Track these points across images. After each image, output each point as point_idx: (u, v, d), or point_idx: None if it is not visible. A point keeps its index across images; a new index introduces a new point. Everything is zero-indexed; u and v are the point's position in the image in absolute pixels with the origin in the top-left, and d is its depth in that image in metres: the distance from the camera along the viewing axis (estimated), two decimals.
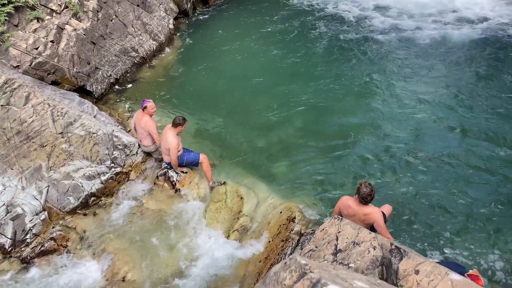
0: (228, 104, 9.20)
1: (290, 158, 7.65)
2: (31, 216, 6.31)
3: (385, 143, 7.81)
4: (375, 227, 5.07)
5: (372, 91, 9.36)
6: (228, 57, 10.98)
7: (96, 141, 7.18)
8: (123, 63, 10.10)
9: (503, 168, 7.14)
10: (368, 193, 4.98)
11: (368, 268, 3.94)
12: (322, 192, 6.93)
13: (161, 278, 5.87)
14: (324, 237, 4.42)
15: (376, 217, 5.04)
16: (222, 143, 8.12)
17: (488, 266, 5.64)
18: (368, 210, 5.08)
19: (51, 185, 6.69)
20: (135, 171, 7.36)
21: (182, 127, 6.82)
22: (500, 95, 8.96)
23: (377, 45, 11.19)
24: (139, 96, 9.31)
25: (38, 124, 7.20)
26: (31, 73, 8.07)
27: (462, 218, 6.30)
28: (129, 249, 6.21)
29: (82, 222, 6.58)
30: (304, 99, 9.16)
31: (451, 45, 11.08)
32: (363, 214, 5.08)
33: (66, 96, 8.05)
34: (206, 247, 6.24)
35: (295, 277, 2.26)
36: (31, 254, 6.10)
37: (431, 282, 3.73)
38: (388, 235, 4.99)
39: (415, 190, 6.80)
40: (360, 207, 5.11)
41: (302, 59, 10.70)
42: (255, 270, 5.86)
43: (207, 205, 6.83)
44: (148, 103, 7.11)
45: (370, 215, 5.06)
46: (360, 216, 5.09)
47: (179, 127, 6.79)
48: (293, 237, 5.80)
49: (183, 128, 6.88)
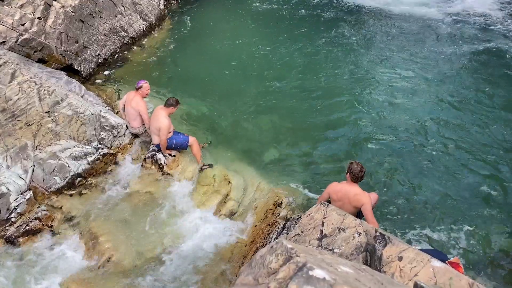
0: (219, 88, 9.14)
1: (279, 144, 7.67)
2: (16, 195, 6.24)
3: (374, 130, 7.87)
4: (362, 211, 5.14)
5: (363, 78, 9.39)
6: (220, 40, 10.86)
7: (83, 121, 7.10)
8: (112, 42, 9.93)
9: (488, 154, 7.27)
10: (360, 169, 5.14)
11: (353, 254, 4.01)
12: (309, 178, 6.98)
13: (146, 259, 5.89)
14: (310, 222, 4.46)
15: (365, 200, 5.13)
16: (211, 127, 8.09)
17: (468, 254, 5.77)
18: (358, 190, 5.19)
19: (36, 165, 6.61)
20: (122, 153, 7.31)
21: (174, 109, 6.75)
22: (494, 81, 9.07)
23: (370, 29, 11.19)
24: (128, 77, 9.18)
25: (24, 103, 7.07)
26: (17, 49, 7.89)
27: (444, 207, 6.42)
28: (115, 230, 6.20)
29: (68, 203, 6.54)
30: (295, 85, 9.14)
31: (449, 30, 11.13)
32: (353, 195, 5.16)
33: (53, 74, 7.90)
34: (192, 229, 6.26)
35: (281, 261, 2.28)
36: (16, 233, 6.05)
37: (414, 269, 3.80)
38: (374, 221, 5.08)
39: (400, 178, 6.89)
40: (351, 186, 5.21)
41: (295, 45, 10.64)
42: (240, 254, 5.91)
43: (195, 188, 6.83)
44: (144, 83, 7.05)
45: (359, 196, 5.15)
46: (350, 198, 5.17)
47: (171, 108, 6.71)
48: (279, 222, 5.85)
49: (175, 110, 6.81)
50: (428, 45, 10.67)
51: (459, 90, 8.97)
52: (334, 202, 5.30)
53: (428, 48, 10.51)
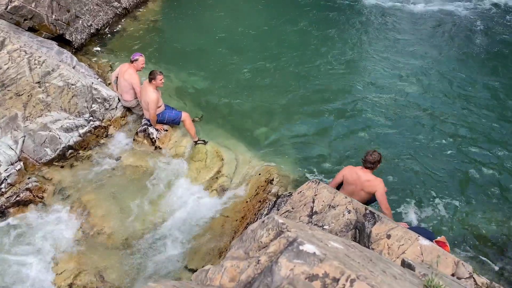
0: (213, 63, 9.03)
1: (272, 121, 7.65)
2: (6, 166, 6.19)
3: (370, 112, 7.87)
4: (376, 195, 5.17)
5: (361, 60, 9.33)
6: (216, 14, 10.66)
7: (74, 93, 7.00)
8: (104, 13, 9.71)
9: (484, 136, 7.36)
10: (372, 158, 5.17)
11: (342, 231, 4.06)
12: (301, 156, 7.00)
13: (137, 232, 5.93)
14: (301, 199, 4.50)
15: (378, 185, 5.17)
16: (205, 102, 8.03)
17: (455, 233, 5.89)
18: (371, 177, 5.22)
19: (27, 136, 6.54)
20: (114, 126, 7.25)
21: (159, 81, 6.59)
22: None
23: (370, 15, 11.03)
24: (120, 49, 9.02)
25: (14, 72, 6.93)
26: (6, 17, 7.68)
27: (432, 187, 6.51)
28: (106, 202, 6.21)
29: (59, 174, 6.51)
30: (290, 64, 9.05)
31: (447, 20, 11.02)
32: (364, 180, 5.19)
33: (44, 44, 7.73)
34: (183, 204, 6.30)
35: (272, 235, 2.31)
36: (6, 204, 6.03)
37: (401, 246, 3.88)
38: (387, 207, 5.14)
39: (392, 159, 6.94)
40: (364, 172, 5.24)
41: (292, 24, 10.46)
42: (231, 229, 5.97)
43: (187, 163, 6.83)
44: (140, 56, 6.93)
45: (371, 182, 5.18)
46: (362, 183, 5.20)
47: (157, 81, 6.58)
48: (270, 199, 5.89)
49: (161, 82, 6.60)
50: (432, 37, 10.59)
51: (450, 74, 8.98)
52: (347, 186, 5.34)
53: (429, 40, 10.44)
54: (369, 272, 2.14)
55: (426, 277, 2.70)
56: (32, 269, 5.45)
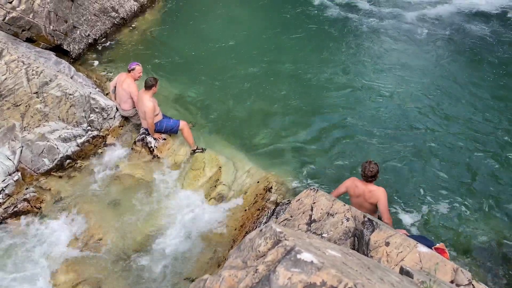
0: (210, 71, 9.05)
1: (271, 129, 7.66)
2: (4, 176, 6.18)
3: (366, 117, 7.89)
4: (379, 206, 5.18)
5: (358, 67, 9.34)
6: (213, 22, 10.71)
7: (72, 103, 7.01)
8: (102, 23, 9.76)
9: (484, 141, 7.38)
10: (368, 169, 5.14)
11: (341, 239, 4.06)
12: (300, 164, 7.00)
13: (135, 242, 5.90)
14: (299, 207, 4.49)
15: (380, 195, 5.17)
16: (203, 110, 8.04)
17: (454, 240, 5.88)
18: (373, 187, 5.23)
19: (25, 146, 6.54)
20: (112, 135, 7.25)
21: (155, 88, 6.63)
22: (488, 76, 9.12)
23: (367, 21, 11.09)
24: (118, 58, 9.05)
25: (11, 82, 6.95)
26: (4, 28, 7.72)
27: (432, 195, 6.51)
28: (104, 212, 6.19)
29: (57, 184, 6.49)
30: (288, 71, 9.08)
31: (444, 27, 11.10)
32: (368, 191, 5.20)
33: (41, 54, 7.76)
34: (181, 213, 6.28)
35: (270, 244, 2.30)
36: (4, 215, 6.02)
37: (400, 254, 3.87)
38: (388, 216, 5.15)
39: (390, 166, 6.95)
40: (366, 185, 5.23)
41: (290, 31, 10.48)
42: (230, 237, 5.95)
43: (185, 172, 6.82)
44: (137, 66, 6.98)
45: (374, 192, 5.19)
46: (366, 194, 5.21)
47: (153, 88, 6.62)
48: (269, 207, 5.89)
49: (157, 89, 6.68)
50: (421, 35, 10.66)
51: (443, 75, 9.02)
52: (353, 198, 5.35)
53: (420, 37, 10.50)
54: (367, 280, 2.13)
55: (424, 284, 2.69)
56: (30, 280, 5.42)
